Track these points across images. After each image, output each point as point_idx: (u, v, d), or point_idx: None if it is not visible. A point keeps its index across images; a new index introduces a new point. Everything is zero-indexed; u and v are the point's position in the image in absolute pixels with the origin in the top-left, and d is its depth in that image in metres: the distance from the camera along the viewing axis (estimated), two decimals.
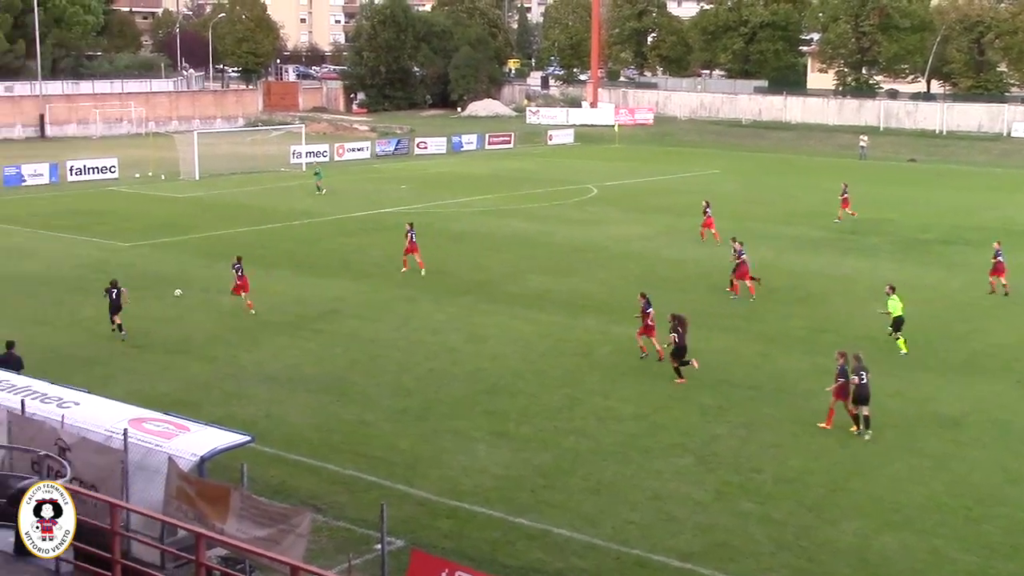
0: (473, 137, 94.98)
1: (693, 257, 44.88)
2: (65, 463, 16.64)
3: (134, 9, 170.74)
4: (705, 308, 35.96)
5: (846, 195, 55.18)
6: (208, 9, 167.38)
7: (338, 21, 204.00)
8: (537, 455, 23.24)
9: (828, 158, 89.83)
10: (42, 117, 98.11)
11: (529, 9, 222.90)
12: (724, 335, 32.79)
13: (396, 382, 27.94)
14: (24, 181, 65.49)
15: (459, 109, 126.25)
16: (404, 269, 40.73)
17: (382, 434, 24.31)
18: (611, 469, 22.56)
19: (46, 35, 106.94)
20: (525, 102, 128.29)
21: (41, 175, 66.79)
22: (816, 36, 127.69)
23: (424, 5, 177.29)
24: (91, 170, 69.11)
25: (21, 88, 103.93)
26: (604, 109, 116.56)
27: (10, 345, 24.62)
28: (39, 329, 32.37)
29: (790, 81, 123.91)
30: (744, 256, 37.91)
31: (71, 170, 68.21)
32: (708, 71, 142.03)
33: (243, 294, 34.70)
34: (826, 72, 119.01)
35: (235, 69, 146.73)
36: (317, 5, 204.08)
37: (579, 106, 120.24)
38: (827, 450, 23.81)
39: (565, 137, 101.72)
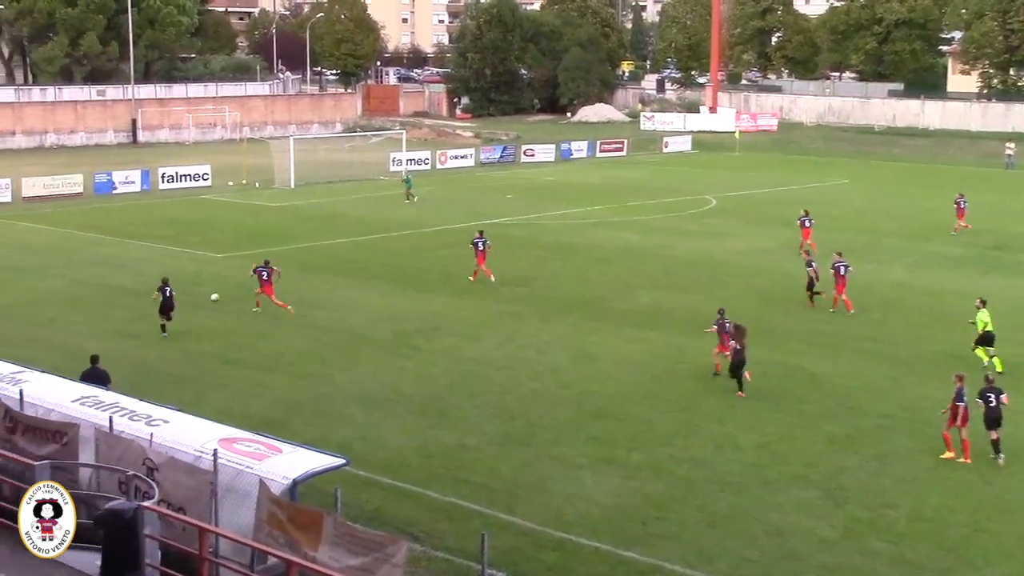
0: (583, 144, 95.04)
1: (822, 274, 44.13)
2: (153, 484, 16.99)
3: (230, 9, 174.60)
4: (831, 328, 35.49)
5: (961, 205, 54.43)
6: (306, 9, 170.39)
7: (441, 21, 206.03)
8: (648, 484, 23.10)
9: (970, 168, 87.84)
10: (134, 122, 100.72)
11: (644, 7, 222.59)
12: (852, 358, 32.28)
13: (498, 404, 28.02)
14: (115, 189, 67.28)
15: (568, 114, 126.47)
16: (472, 279, 41.79)
17: (483, 459, 24.39)
18: (728, 501, 22.31)
19: (139, 37, 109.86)
20: (639, 107, 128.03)
21: (132, 182, 68.55)
22: (958, 35, 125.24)
23: (532, 4, 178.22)
24: (183, 177, 70.74)
25: (113, 92, 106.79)
26: (724, 114, 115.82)
27: (95, 359, 25.19)
28: (128, 343, 33.17)
29: (928, 84, 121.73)
30: (848, 269, 38.32)
31: (163, 177, 69.90)
32: (837, 73, 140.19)
33: (272, 297, 36.27)
34: (969, 74, 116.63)
35: (333, 72, 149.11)
36: (420, 4, 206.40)
37: (697, 111, 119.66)
38: (968, 486, 23.24)
39: (682, 144, 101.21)
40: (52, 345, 32.33)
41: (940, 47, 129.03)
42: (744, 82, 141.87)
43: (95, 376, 24.32)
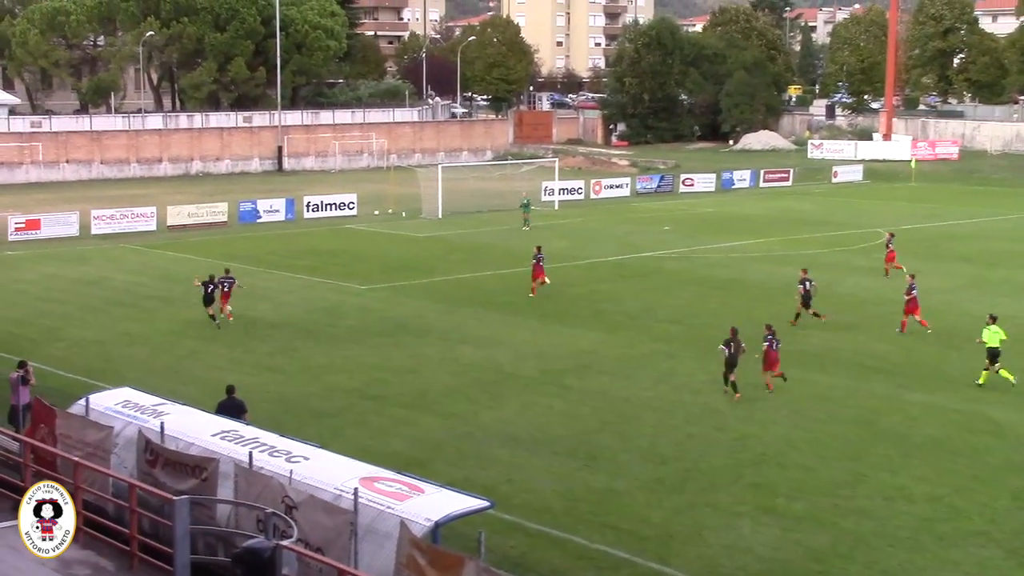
0: (746, 173, 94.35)
1: (1008, 313, 42.98)
2: (292, 522, 17.36)
3: (379, 33, 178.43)
4: (1020, 376, 34.41)
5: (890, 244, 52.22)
6: (457, 32, 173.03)
7: (598, 44, 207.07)
8: (811, 536, 22.72)
9: None
10: (280, 149, 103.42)
11: (814, 28, 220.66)
12: None
13: (651, 447, 27.89)
14: (260, 217, 69.12)
15: (731, 142, 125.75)
16: (532, 295, 45.08)
17: (634, 505, 24.29)
18: (899, 557, 21.81)
19: (287, 62, 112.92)
20: (807, 134, 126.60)
21: (277, 211, 70.34)
22: None
23: (694, 25, 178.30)
24: (328, 206, 72.32)
25: (259, 119, 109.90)
26: (899, 142, 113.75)
27: (230, 389, 25.82)
28: (270, 376, 33.98)
29: None
30: (914, 291, 39.75)
31: (308, 206, 71.56)
32: None
33: (225, 306, 40.11)
34: None
35: (484, 97, 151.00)
36: (575, 27, 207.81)
37: (870, 138, 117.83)
38: None
39: (853, 174, 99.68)
40: (193, 377, 33.31)
41: None
42: (922, 107, 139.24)
43: (232, 406, 24.96)
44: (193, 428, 21.48)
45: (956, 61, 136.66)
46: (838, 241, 61.55)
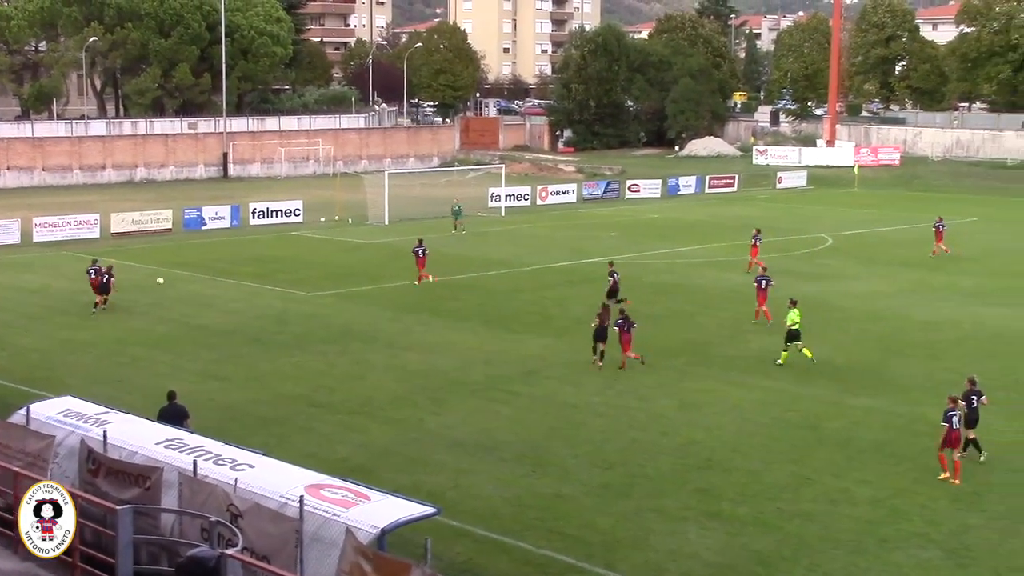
0: (692, 179, 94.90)
1: (948, 319, 43.60)
2: (237, 531, 17.25)
3: (325, 39, 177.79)
4: (958, 377, 34.71)
5: (940, 228, 58.86)
6: (404, 39, 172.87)
7: (544, 50, 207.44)
8: (756, 540, 22.88)
9: None
10: (225, 156, 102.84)
11: (759, 35, 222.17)
12: (981, 409, 31.59)
13: (597, 453, 27.98)
14: (204, 224, 68.71)
15: (676, 148, 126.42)
16: (418, 283, 48.54)
17: (581, 510, 24.36)
18: (842, 560, 22.01)
19: (232, 68, 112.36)
20: (752, 140, 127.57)
21: (222, 218, 69.95)
22: None
23: (640, 32, 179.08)
24: (274, 213, 72.03)
25: (205, 125, 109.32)
26: (842, 148, 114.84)
27: (172, 396, 25.74)
28: (215, 384, 33.78)
29: None
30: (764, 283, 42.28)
31: (253, 213, 71.23)
32: (966, 104, 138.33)
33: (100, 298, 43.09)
34: None
35: (431, 104, 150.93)
36: (522, 33, 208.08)
37: (813, 145, 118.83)
38: None
39: (797, 180, 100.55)
40: (136, 385, 33.06)
41: None
42: (865, 114, 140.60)
43: (173, 412, 24.86)
44: (136, 437, 21.30)
45: (898, 68, 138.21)
46: (783, 247, 62.01)
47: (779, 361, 36.13)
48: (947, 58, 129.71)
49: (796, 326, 36.09)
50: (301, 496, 17.81)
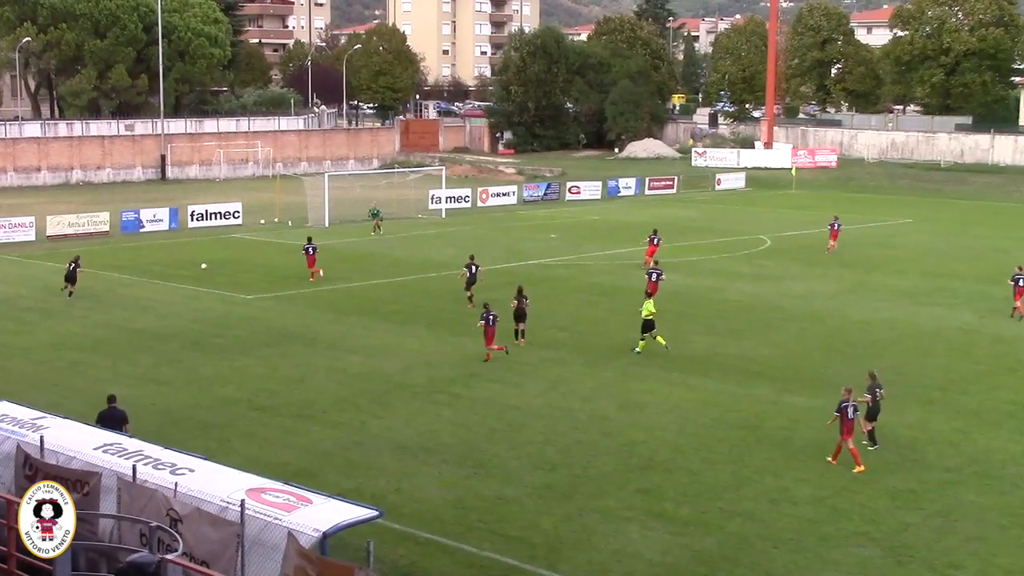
0: (631, 181, 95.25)
1: (885, 318, 44.06)
2: (177, 536, 17.09)
3: (263, 41, 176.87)
4: (895, 377, 35.19)
5: (836, 227, 61.05)
6: (343, 40, 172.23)
7: (484, 53, 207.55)
8: (698, 540, 22.98)
9: None
10: (163, 158, 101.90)
11: (696, 38, 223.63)
12: (918, 408, 32.04)
13: (540, 454, 27.99)
14: (142, 227, 68.00)
15: (616, 150, 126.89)
16: (312, 280, 50.10)
17: (523, 512, 24.35)
18: (783, 558, 22.16)
19: (170, 69, 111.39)
20: (691, 142, 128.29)
21: (160, 220, 69.29)
22: None
23: (580, 34, 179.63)
24: (213, 215, 71.44)
25: (142, 127, 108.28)
26: (780, 150, 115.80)
27: (111, 399, 25.55)
28: (155, 388, 33.45)
29: (999, 117, 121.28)
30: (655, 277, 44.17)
31: (192, 215, 70.62)
32: (901, 107, 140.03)
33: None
34: None
35: (370, 105, 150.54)
36: (461, 36, 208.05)
37: (752, 147, 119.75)
38: None
39: (735, 181, 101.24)
40: (74, 390, 32.66)
41: (1012, 79, 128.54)
42: (802, 116, 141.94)
43: (112, 416, 24.68)
44: (74, 442, 21.04)
45: (833, 71, 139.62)
46: (722, 248, 62.44)
47: (637, 350, 37.61)
48: (881, 61, 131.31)
49: (651, 316, 37.59)
50: (242, 500, 17.70)
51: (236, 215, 71.92)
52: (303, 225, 69.89)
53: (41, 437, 20.82)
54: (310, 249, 51.33)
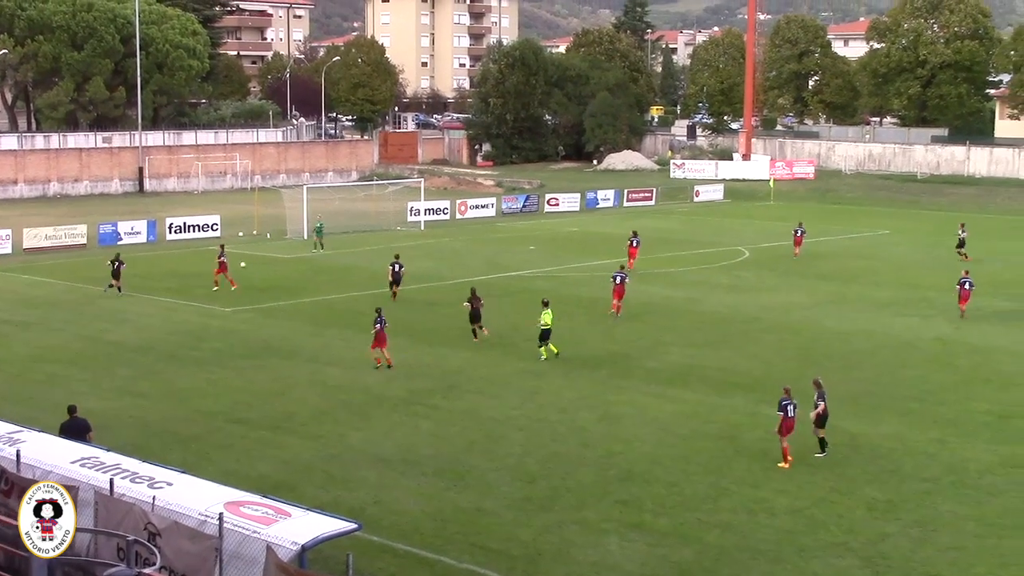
0: (610, 193, 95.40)
1: (863, 329, 44.21)
2: (155, 549, 17.05)
3: (242, 53, 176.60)
4: (872, 388, 35.46)
5: (798, 233, 64.10)
6: (321, 52, 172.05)
7: (463, 65, 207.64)
8: (676, 551, 23.01)
9: (1019, 217, 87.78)
10: (141, 170, 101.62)
11: (675, 50, 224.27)
12: (895, 419, 32.16)
13: (519, 466, 28.00)
14: (120, 239, 67.75)
15: (595, 162, 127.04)
16: (215, 288, 50.79)
17: (502, 524, 24.35)
18: (761, 569, 22.21)
19: (147, 82, 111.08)
20: (669, 154, 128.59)
21: (138, 233, 69.10)
22: (1006, 78, 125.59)
23: (558, 47, 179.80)
24: (191, 228, 71.29)
25: (120, 139, 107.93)
26: (758, 162, 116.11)
27: (72, 409, 25.58)
28: (132, 401, 33.34)
29: (974, 129, 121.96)
30: (621, 280, 46.11)
31: (170, 228, 70.45)
32: (878, 119, 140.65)
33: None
34: (1018, 119, 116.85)
35: (349, 118, 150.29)
36: (440, 48, 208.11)
37: (730, 158, 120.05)
38: (1019, 555, 23.07)
39: (714, 193, 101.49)
40: (51, 403, 32.40)
41: (987, 91, 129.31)
42: (779, 128, 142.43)
43: (74, 426, 24.69)
44: (51, 455, 20.98)
45: (811, 83, 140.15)
46: (700, 259, 62.59)
47: (543, 358, 38.18)
48: (858, 73, 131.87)
49: (547, 326, 38.13)
50: (220, 513, 17.67)
51: (214, 227, 71.76)
52: (282, 237, 69.79)
53: (17, 451, 20.75)
54: (223, 256, 51.94)
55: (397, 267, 49.42)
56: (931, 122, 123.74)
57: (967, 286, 46.77)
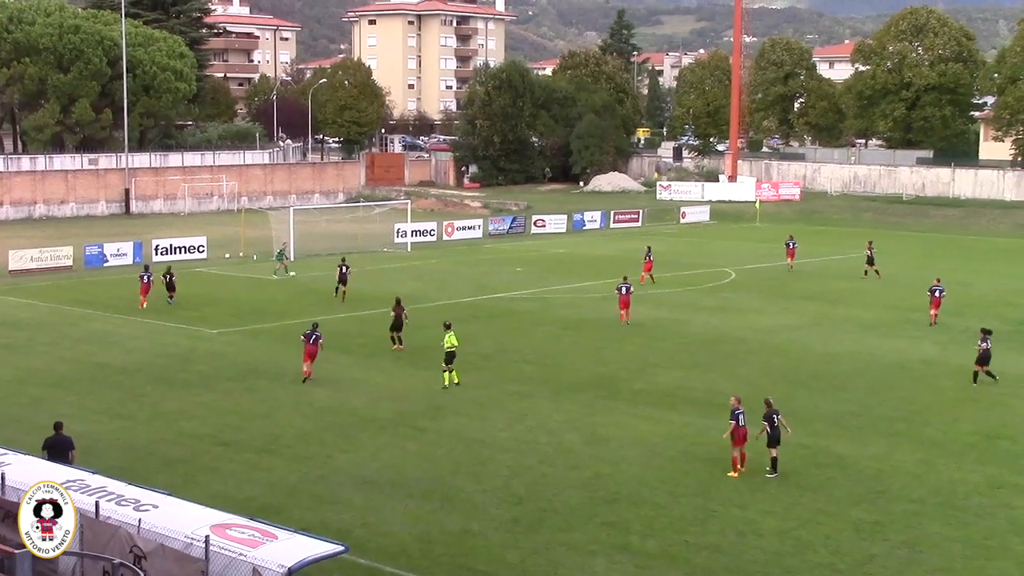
0: (597, 214, 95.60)
1: (850, 351, 44.29)
2: (141, 572, 16.98)
3: (229, 75, 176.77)
4: (859, 409, 35.50)
5: (791, 245, 68.21)
6: (308, 75, 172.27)
7: (449, 87, 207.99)
8: (664, 573, 22.99)
9: (1004, 239, 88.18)
10: (127, 192, 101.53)
11: (661, 72, 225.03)
12: (882, 440, 32.21)
13: (506, 488, 27.97)
14: (106, 261, 67.65)
15: (581, 183, 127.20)
16: (141, 308, 51.13)
17: (489, 546, 24.31)
18: None
19: (134, 104, 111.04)
20: (655, 176, 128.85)
21: (125, 255, 68.95)
22: (990, 100, 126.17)
23: (544, 69, 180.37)
24: (178, 249, 71.15)
25: (106, 161, 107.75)
26: (744, 183, 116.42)
27: (58, 426, 25.58)
28: (119, 423, 33.24)
29: (959, 151, 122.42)
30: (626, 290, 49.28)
31: (156, 249, 70.30)
32: (863, 140, 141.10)
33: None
34: (1002, 140, 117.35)
35: (336, 140, 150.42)
36: (427, 70, 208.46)
37: (716, 180, 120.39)
38: None
39: (700, 215, 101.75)
40: (36, 426, 32.24)
41: (972, 113, 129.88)
42: (765, 150, 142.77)
43: (58, 443, 24.65)
44: (36, 478, 20.85)
45: (797, 105, 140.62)
46: (687, 281, 62.67)
47: (445, 385, 37.55)
48: (844, 96, 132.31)
49: (452, 348, 37.70)
50: (207, 536, 17.62)
51: (201, 249, 71.67)
52: (269, 259, 69.73)
53: (3, 474, 20.67)
54: (145, 277, 53.01)
55: (344, 268, 54.97)
56: (916, 144, 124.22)
57: (937, 293, 49.92)
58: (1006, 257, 73.01)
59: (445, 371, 37.74)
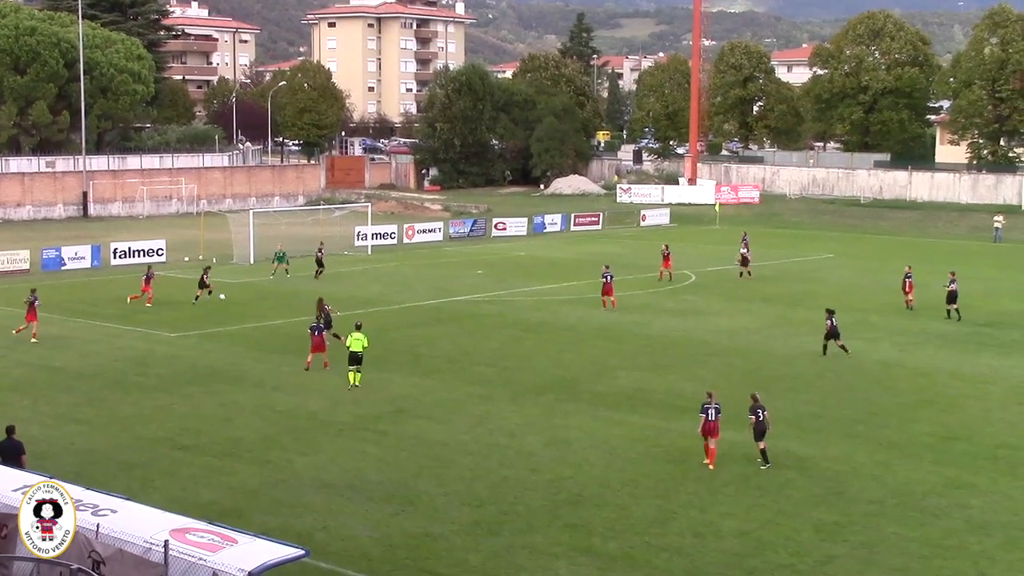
0: (557, 217, 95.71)
1: (808, 352, 44.51)
2: None
3: (187, 77, 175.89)
4: (818, 411, 35.68)
5: (745, 241, 69.00)
6: (268, 77, 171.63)
7: (409, 90, 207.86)
8: (625, 575, 23.04)
9: (960, 241, 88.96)
10: (85, 195, 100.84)
11: (621, 76, 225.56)
12: (841, 441, 32.38)
13: (467, 491, 27.92)
14: (64, 264, 67.14)
15: (542, 186, 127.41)
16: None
17: (451, 549, 24.26)
18: None
19: (92, 106, 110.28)
20: (615, 179, 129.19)
21: (83, 258, 68.45)
22: (946, 104, 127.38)
23: (505, 72, 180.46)
24: (136, 252, 70.72)
25: (63, 164, 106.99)
26: (704, 186, 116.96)
27: (10, 430, 25.33)
28: (75, 427, 32.96)
29: (915, 154, 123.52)
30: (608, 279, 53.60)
31: (115, 252, 69.85)
32: (821, 144, 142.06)
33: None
34: (957, 144, 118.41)
35: (296, 142, 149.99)
36: (387, 72, 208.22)
37: (676, 183, 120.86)
38: (962, 575, 23.26)
39: (660, 217, 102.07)
40: None
41: (928, 117, 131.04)
42: (724, 153, 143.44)
43: (9, 448, 24.45)
44: None
45: (756, 108, 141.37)
46: (647, 283, 62.82)
47: (352, 383, 37.53)
48: (802, 99, 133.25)
49: (359, 351, 37.65)
50: (166, 541, 17.49)
51: (160, 252, 71.26)
52: (228, 262, 69.40)
53: None
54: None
55: (321, 252, 63.64)
56: (873, 147, 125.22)
57: (910, 279, 54.52)
58: (963, 260, 73.52)
59: (350, 371, 37.89)
